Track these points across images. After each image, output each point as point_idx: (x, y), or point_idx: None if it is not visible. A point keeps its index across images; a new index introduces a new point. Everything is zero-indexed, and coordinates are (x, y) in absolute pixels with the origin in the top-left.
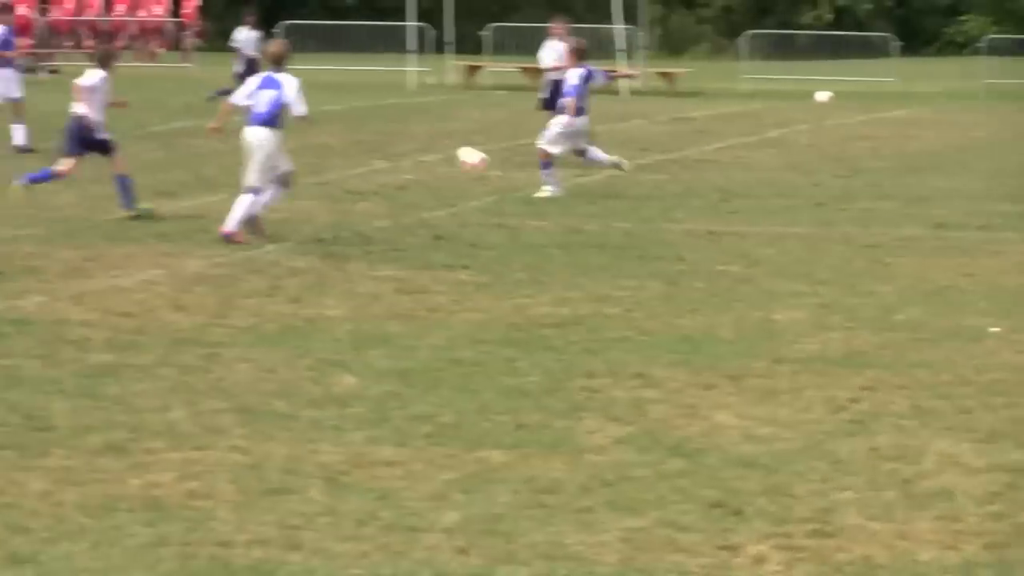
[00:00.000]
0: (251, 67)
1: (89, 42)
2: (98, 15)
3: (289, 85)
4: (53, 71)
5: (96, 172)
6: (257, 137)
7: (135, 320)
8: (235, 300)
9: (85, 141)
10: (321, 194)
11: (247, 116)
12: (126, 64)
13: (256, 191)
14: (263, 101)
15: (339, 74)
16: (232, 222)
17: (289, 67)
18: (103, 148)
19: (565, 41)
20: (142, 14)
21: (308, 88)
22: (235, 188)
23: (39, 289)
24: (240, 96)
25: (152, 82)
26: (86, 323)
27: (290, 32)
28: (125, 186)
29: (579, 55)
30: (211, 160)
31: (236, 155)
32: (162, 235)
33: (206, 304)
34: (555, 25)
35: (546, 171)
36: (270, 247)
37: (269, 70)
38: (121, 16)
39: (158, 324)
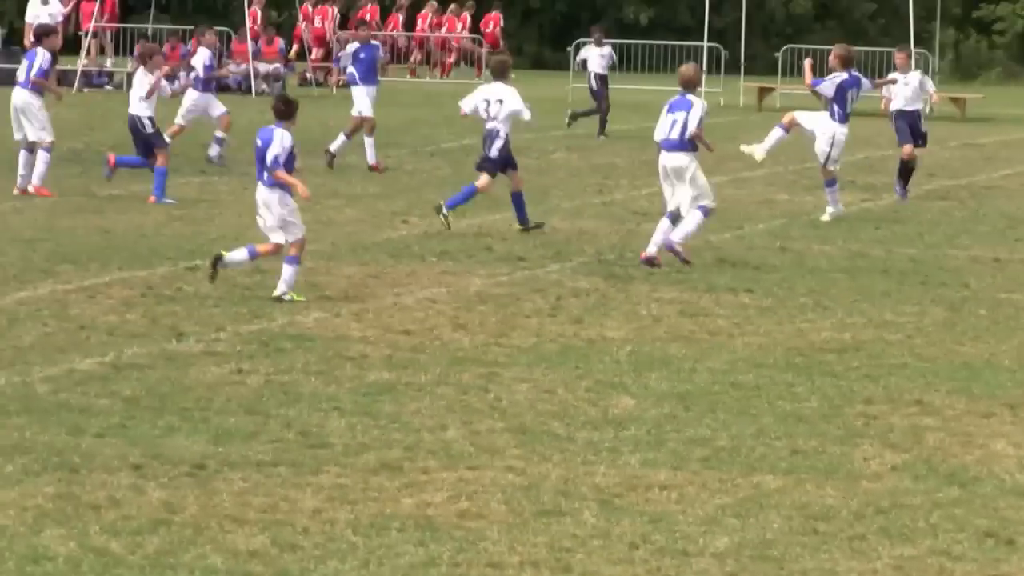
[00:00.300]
0: (603, 83)
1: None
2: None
3: (697, 107)
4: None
5: (384, 189)
6: (678, 162)
7: (415, 338)
8: (516, 319)
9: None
10: (606, 214)
11: (660, 142)
12: (421, 79)
13: (675, 216)
14: (669, 125)
15: (629, 93)
16: (653, 246)
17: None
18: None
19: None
20: (442, 31)
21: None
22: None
23: (320, 305)
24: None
25: (445, 98)
26: (366, 340)
27: (578, 50)
28: (519, 203)
29: (845, 62)
30: (498, 179)
31: (523, 174)
32: (445, 253)
33: (487, 323)
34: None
35: (830, 188)
36: (553, 266)
37: (679, 92)
38: (422, 32)
39: (438, 343)
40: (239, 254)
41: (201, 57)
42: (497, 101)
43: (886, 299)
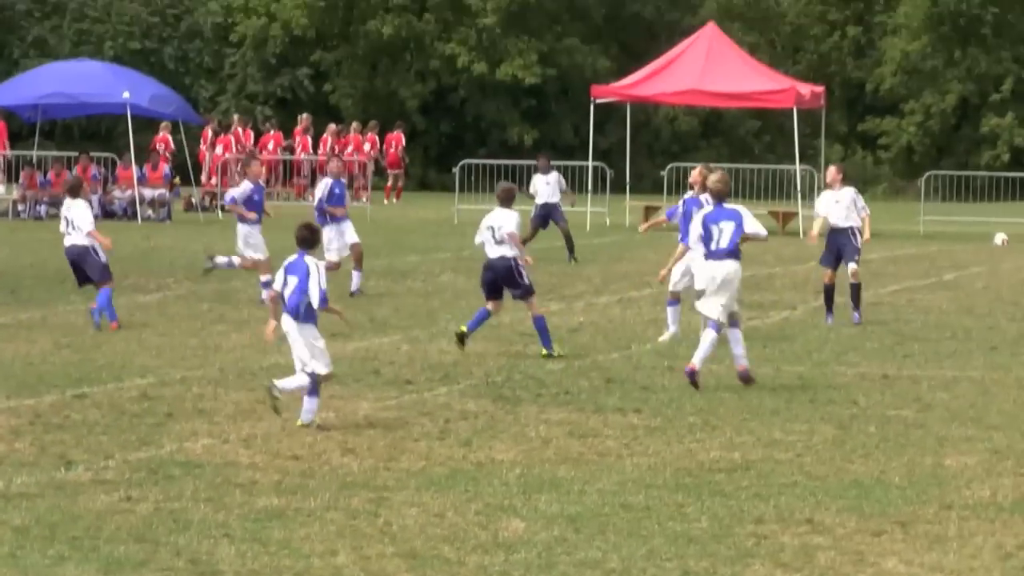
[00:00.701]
0: (557, 210)
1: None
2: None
3: (747, 215)
4: None
5: (266, 314)
6: (727, 269)
7: (303, 463)
8: (405, 443)
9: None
10: (493, 336)
11: (708, 250)
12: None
13: (719, 326)
14: (716, 235)
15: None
16: (698, 359)
17: (473, 206)
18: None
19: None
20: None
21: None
22: (407, 330)
23: (208, 431)
24: (693, 238)
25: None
26: (254, 466)
27: (465, 171)
28: (541, 327)
29: (702, 185)
30: (385, 301)
31: (409, 297)
32: (333, 377)
33: (375, 447)
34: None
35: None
36: (441, 389)
37: (715, 205)
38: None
39: (327, 467)
40: (295, 381)
41: (323, 187)
42: (500, 228)
43: (775, 417)
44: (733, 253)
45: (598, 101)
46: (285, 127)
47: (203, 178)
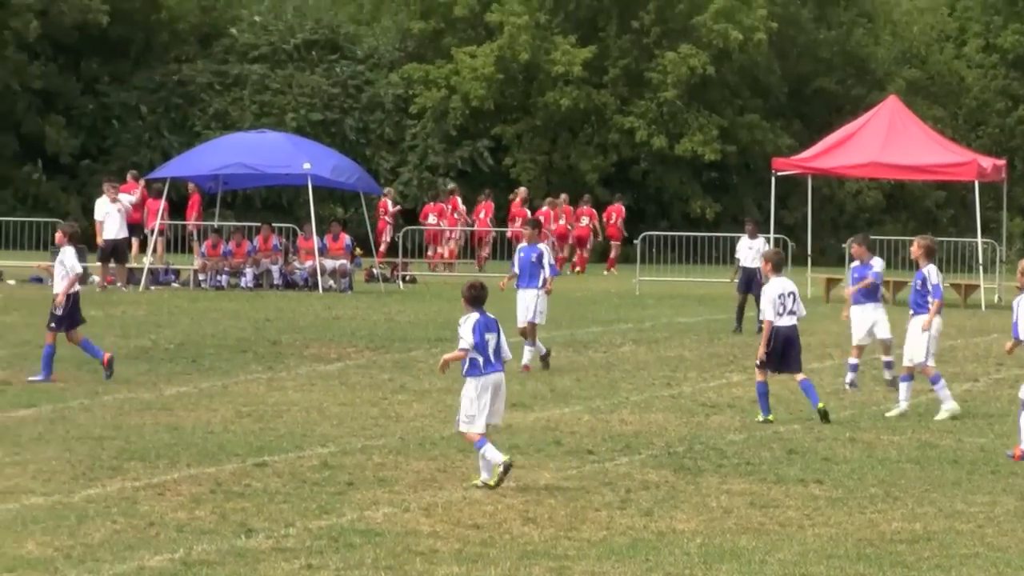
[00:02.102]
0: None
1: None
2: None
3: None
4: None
5: (451, 383)
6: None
7: (484, 532)
8: (586, 512)
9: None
10: (675, 406)
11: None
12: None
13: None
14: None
15: (694, 286)
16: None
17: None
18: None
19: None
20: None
21: (666, 299)
22: (588, 400)
23: (389, 500)
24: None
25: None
26: (435, 534)
27: (647, 243)
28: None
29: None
30: (567, 372)
31: (590, 368)
32: (515, 447)
33: (556, 516)
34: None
35: (905, 383)
36: (622, 459)
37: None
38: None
39: (507, 536)
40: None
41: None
42: (789, 295)
43: (956, 488)
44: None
45: (779, 174)
46: (467, 200)
47: (382, 249)
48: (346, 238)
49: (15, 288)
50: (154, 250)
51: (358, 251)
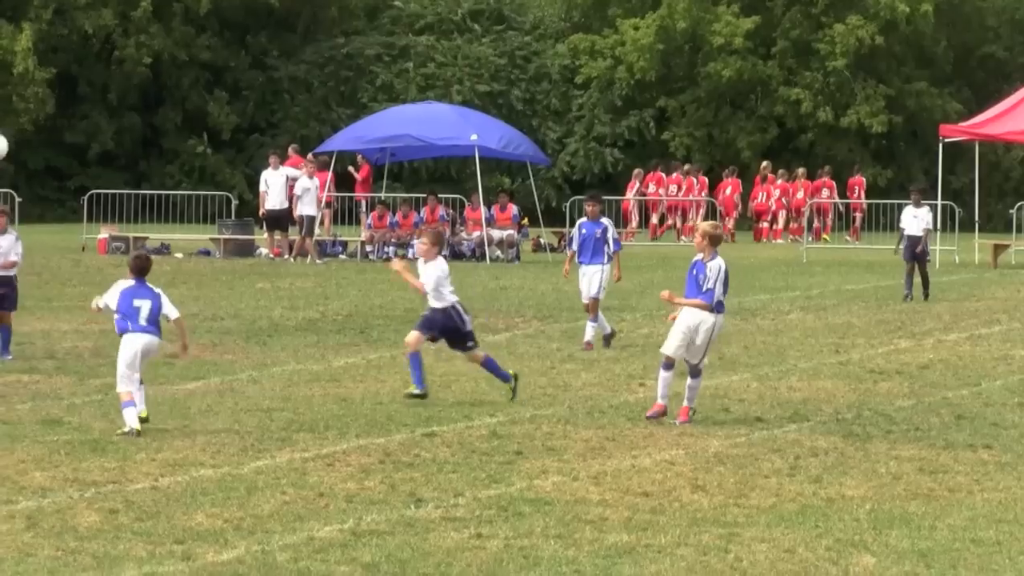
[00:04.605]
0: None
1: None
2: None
3: None
4: None
5: (619, 352)
6: None
7: (653, 500)
8: (755, 480)
9: None
10: (843, 373)
11: None
12: (660, 243)
13: None
14: None
15: (863, 252)
16: None
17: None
18: None
19: None
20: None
21: (834, 267)
22: (756, 368)
23: (558, 468)
24: None
25: (678, 261)
26: (604, 503)
27: (812, 211)
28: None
29: None
30: (735, 339)
31: (758, 335)
32: (676, 395)
33: (725, 484)
34: None
35: None
36: (791, 426)
37: None
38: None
39: (676, 504)
40: None
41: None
42: None
43: None
44: None
45: (946, 140)
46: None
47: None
48: (513, 208)
49: (182, 261)
50: (321, 222)
51: (525, 221)
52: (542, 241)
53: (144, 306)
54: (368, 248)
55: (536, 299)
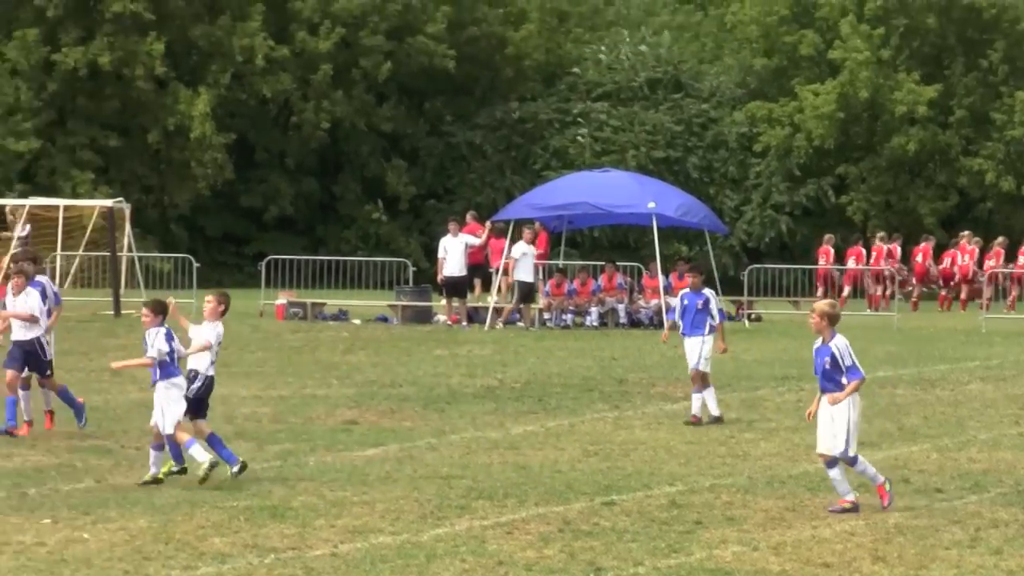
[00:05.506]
0: None
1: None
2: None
3: None
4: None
5: (798, 422)
6: None
7: (834, 571)
8: (935, 551)
9: None
10: (1022, 443)
11: None
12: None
13: None
14: None
15: None
16: None
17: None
18: None
19: None
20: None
21: (1014, 336)
22: (936, 439)
23: (738, 539)
24: None
25: (858, 331)
26: (784, 573)
27: (993, 279)
28: None
29: None
30: (914, 410)
31: (938, 405)
32: (862, 486)
33: (906, 556)
34: None
35: None
36: (971, 497)
37: None
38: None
39: (857, 575)
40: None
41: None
42: None
43: None
44: None
45: None
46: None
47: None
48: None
49: (360, 327)
50: (498, 289)
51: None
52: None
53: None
54: (546, 316)
55: (715, 367)
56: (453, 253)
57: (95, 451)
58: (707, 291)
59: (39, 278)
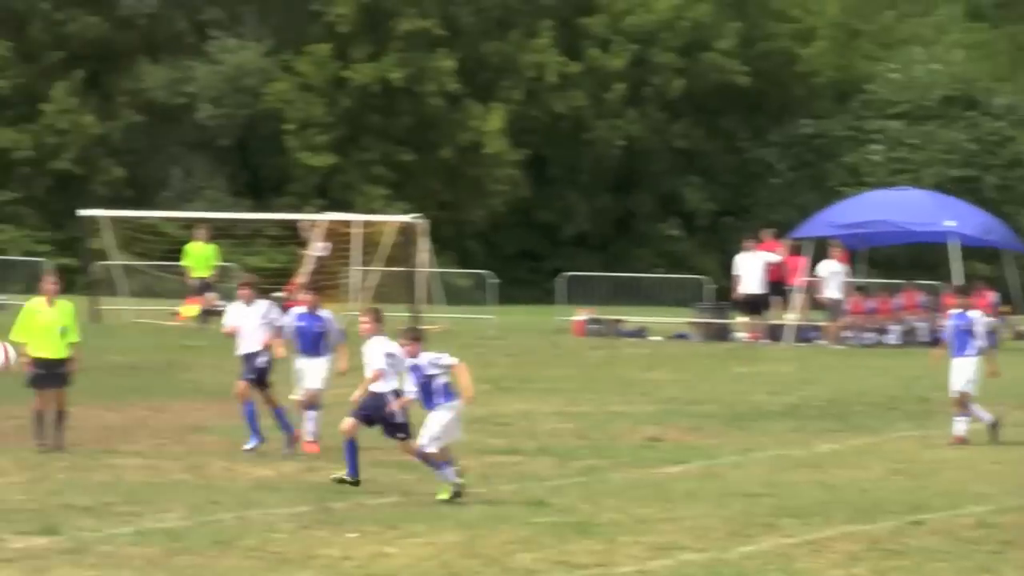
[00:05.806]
0: None
1: None
2: None
3: None
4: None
5: None
6: None
7: None
8: None
9: None
10: None
11: None
12: None
13: None
14: None
15: None
16: None
17: None
18: None
19: None
20: None
21: None
22: None
23: None
24: None
25: None
26: None
27: None
28: None
29: None
30: None
31: None
32: None
33: None
34: None
35: None
36: None
37: None
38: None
39: None
40: None
41: None
42: None
43: None
44: None
45: None
46: None
47: None
48: (991, 296)
49: (660, 344)
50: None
51: (1007, 309)
52: (1021, 329)
53: None
54: (847, 334)
55: (1017, 388)
56: (750, 271)
57: (400, 465)
58: (974, 312)
59: (320, 312)
